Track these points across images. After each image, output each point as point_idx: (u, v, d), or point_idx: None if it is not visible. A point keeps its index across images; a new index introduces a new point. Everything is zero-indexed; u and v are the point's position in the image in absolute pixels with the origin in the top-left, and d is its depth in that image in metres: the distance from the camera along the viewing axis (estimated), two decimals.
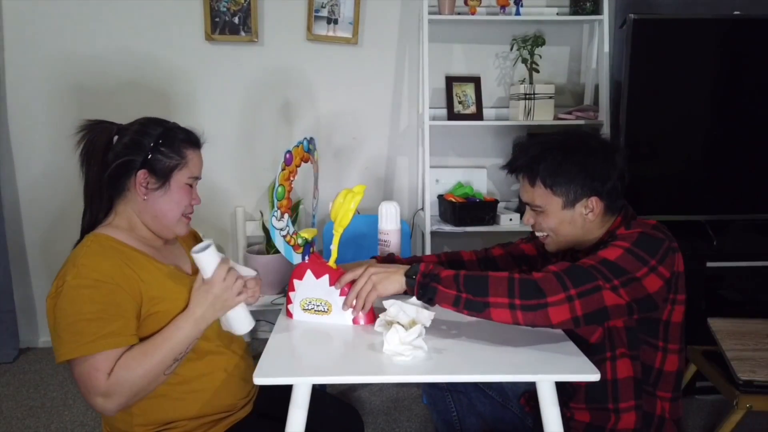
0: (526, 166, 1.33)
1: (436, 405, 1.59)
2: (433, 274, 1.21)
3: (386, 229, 1.57)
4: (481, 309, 1.16)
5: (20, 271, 2.83)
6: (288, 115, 2.80)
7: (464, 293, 1.16)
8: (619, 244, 1.20)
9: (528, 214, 1.37)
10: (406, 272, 1.24)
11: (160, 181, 1.26)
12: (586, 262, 1.18)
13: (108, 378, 1.12)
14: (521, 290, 1.14)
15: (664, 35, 2.38)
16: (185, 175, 1.29)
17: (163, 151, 1.26)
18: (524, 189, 1.35)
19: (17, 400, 2.40)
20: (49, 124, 2.69)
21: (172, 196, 1.27)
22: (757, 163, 2.45)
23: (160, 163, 1.26)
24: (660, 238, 1.21)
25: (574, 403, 1.33)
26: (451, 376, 1.13)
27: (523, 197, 1.36)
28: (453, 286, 1.17)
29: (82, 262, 1.18)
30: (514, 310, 1.13)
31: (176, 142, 1.29)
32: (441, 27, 2.70)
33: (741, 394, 1.72)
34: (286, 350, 1.23)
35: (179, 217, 1.30)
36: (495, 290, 1.15)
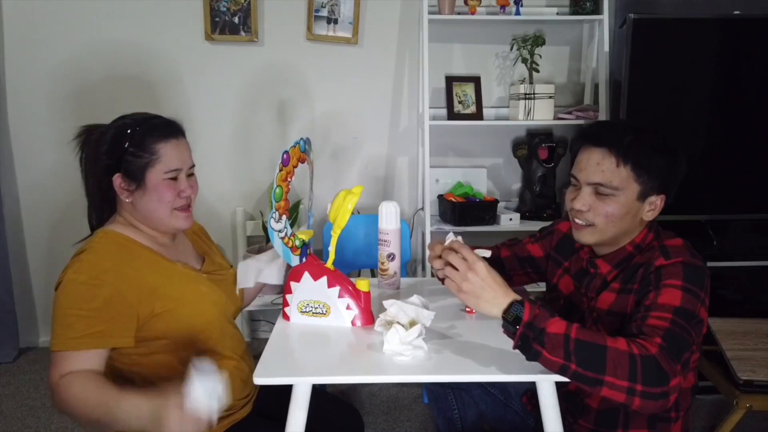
0: (620, 143, 1.19)
1: (437, 402, 1.59)
2: (537, 328, 1.04)
3: (386, 228, 1.57)
4: (591, 384, 1.02)
5: (20, 271, 2.83)
6: (288, 115, 2.80)
7: (573, 364, 1.01)
8: (673, 283, 1.13)
9: (587, 197, 1.23)
10: (505, 312, 1.08)
11: (135, 182, 1.25)
12: (665, 317, 1.08)
13: (61, 378, 1.12)
14: (644, 374, 1.00)
15: (664, 35, 2.37)
16: (160, 171, 1.25)
17: (132, 151, 1.23)
18: (602, 166, 1.20)
19: (17, 400, 2.40)
20: (49, 124, 2.69)
21: (151, 195, 1.25)
22: (757, 163, 2.45)
23: (131, 164, 1.23)
24: (700, 266, 1.18)
25: (583, 420, 1.31)
26: (452, 376, 1.13)
27: (594, 176, 1.21)
28: (560, 352, 1.02)
29: (86, 258, 1.20)
30: (632, 396, 1.00)
31: (145, 138, 1.24)
32: (441, 27, 2.70)
33: (741, 394, 1.72)
34: (286, 350, 1.23)
35: (169, 212, 1.28)
36: (614, 369, 1.00)
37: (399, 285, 1.61)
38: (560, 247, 1.48)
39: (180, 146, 1.29)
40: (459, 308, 1.44)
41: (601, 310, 1.27)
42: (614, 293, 1.26)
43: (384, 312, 1.24)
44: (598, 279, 1.31)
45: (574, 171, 1.27)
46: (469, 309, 1.40)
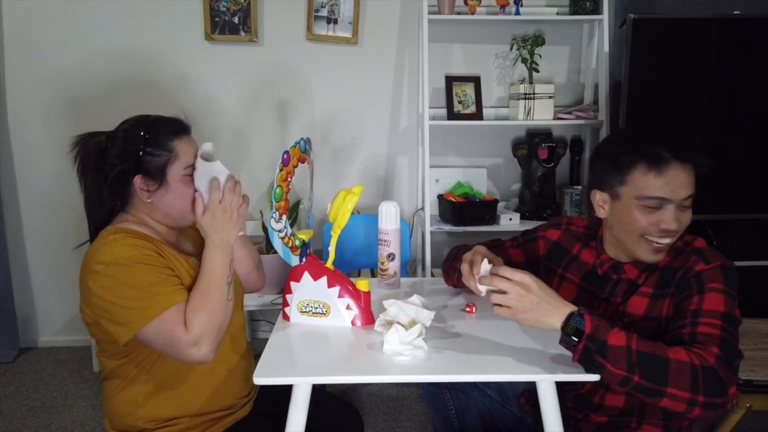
0: (701, 151, 1.17)
1: (434, 403, 1.59)
2: (600, 340, 1.03)
3: (386, 228, 1.57)
4: (651, 395, 1.02)
5: (20, 271, 2.83)
6: (288, 115, 2.80)
7: (637, 377, 1.01)
8: (715, 287, 1.14)
9: (677, 215, 1.18)
10: (564, 324, 1.06)
11: (157, 182, 1.25)
12: (716, 324, 1.09)
13: (187, 329, 1.15)
14: (706, 385, 1.00)
15: (664, 35, 2.38)
16: (180, 167, 1.26)
17: (150, 151, 1.24)
18: (690, 178, 1.18)
19: (17, 400, 2.40)
20: (49, 124, 2.69)
21: (174, 192, 1.26)
22: (756, 163, 2.45)
23: (151, 164, 1.24)
24: (734, 267, 1.18)
25: (595, 415, 1.31)
26: (451, 376, 1.13)
27: (684, 191, 1.17)
28: (623, 364, 1.01)
29: (119, 245, 1.20)
30: (693, 406, 1.01)
31: (160, 137, 1.26)
32: (441, 27, 2.70)
33: (741, 394, 1.72)
34: (286, 350, 1.23)
35: (188, 209, 1.29)
36: (676, 381, 1.00)
37: (399, 285, 1.61)
38: (552, 255, 1.47)
39: (191, 142, 1.31)
40: (459, 308, 1.44)
41: (634, 316, 1.25)
42: (647, 298, 1.24)
43: (384, 312, 1.25)
44: (623, 284, 1.30)
45: (658, 192, 1.17)
46: (469, 309, 1.41)
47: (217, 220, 1.25)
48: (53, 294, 2.86)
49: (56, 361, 2.76)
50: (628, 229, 1.22)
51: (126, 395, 1.26)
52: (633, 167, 1.19)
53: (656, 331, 1.21)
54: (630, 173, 1.20)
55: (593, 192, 1.30)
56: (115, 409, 1.29)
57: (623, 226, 1.24)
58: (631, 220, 1.21)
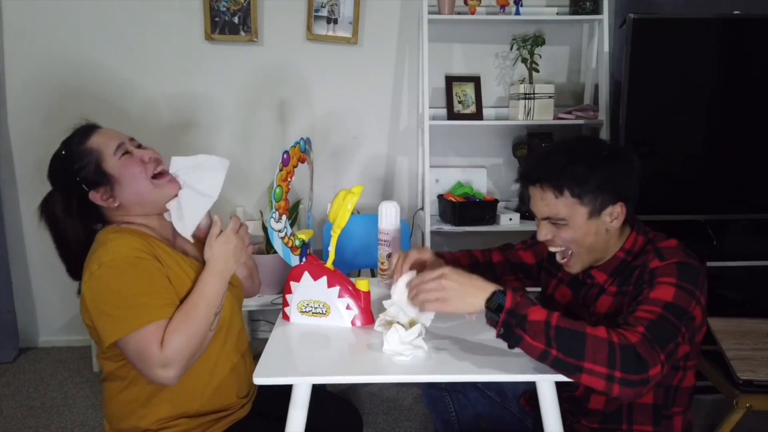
0: (550, 176, 1.22)
1: (434, 405, 1.59)
2: (519, 315, 1.06)
3: (386, 228, 1.57)
4: (571, 371, 1.04)
5: (20, 271, 2.83)
6: (288, 115, 2.80)
7: (554, 350, 1.03)
8: (666, 281, 1.14)
9: (545, 229, 1.27)
10: (487, 301, 1.10)
11: (105, 184, 1.25)
12: (654, 311, 1.10)
13: (162, 347, 1.14)
14: (623, 360, 1.01)
15: (664, 35, 2.37)
16: (110, 156, 1.24)
17: (78, 167, 1.24)
18: (545, 201, 1.23)
19: (17, 400, 2.40)
20: (49, 124, 2.69)
21: (125, 179, 1.24)
22: (757, 163, 2.45)
23: (88, 173, 1.24)
24: (696, 265, 1.19)
25: (586, 420, 1.32)
26: (451, 376, 1.13)
27: (543, 210, 1.25)
28: (541, 337, 1.04)
29: (116, 243, 1.19)
30: (611, 383, 1.01)
31: (74, 149, 1.25)
32: (441, 27, 2.70)
33: (741, 394, 1.72)
34: (286, 350, 1.23)
35: (152, 185, 1.26)
36: (593, 355, 1.02)
37: None
38: (551, 258, 1.47)
39: (105, 131, 1.29)
40: None
41: (599, 314, 1.28)
42: (611, 296, 1.27)
43: (384, 312, 1.25)
44: (594, 288, 1.31)
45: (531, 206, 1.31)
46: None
47: (231, 246, 1.27)
48: (53, 294, 2.86)
49: (56, 361, 2.76)
50: None
51: (126, 396, 1.26)
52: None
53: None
54: None
55: None
56: (115, 410, 1.29)
57: None
58: None
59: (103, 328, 1.16)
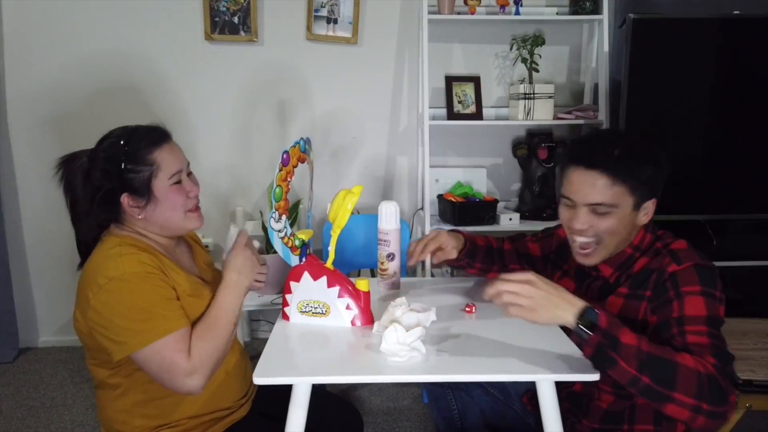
0: (608, 163, 1.19)
1: (437, 402, 1.59)
2: (613, 336, 1.02)
3: (386, 228, 1.57)
4: (659, 400, 1.02)
5: (20, 271, 2.83)
6: (288, 115, 2.80)
7: (645, 377, 1.01)
8: (692, 291, 1.14)
9: (586, 217, 1.22)
10: (579, 316, 1.05)
11: (144, 197, 1.23)
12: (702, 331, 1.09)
13: (189, 356, 1.15)
14: (711, 393, 1.00)
15: (664, 35, 2.37)
16: (164, 178, 1.24)
17: (132, 168, 1.22)
18: (596, 187, 1.19)
19: (17, 400, 2.40)
20: (49, 123, 2.69)
21: (164, 204, 1.25)
22: (757, 163, 2.45)
23: (135, 181, 1.22)
24: (711, 266, 1.19)
25: (587, 420, 1.32)
26: (451, 375, 1.12)
27: (590, 196, 1.21)
28: (634, 363, 1.01)
29: (124, 259, 1.18)
30: (697, 414, 1.00)
31: (139, 152, 1.23)
32: (441, 27, 2.70)
33: (740, 394, 1.72)
34: (286, 350, 1.23)
35: (183, 216, 1.28)
36: (685, 386, 1.00)
37: (399, 285, 1.61)
38: (559, 251, 1.51)
39: (174, 148, 1.29)
40: (459, 308, 1.44)
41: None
42: (622, 298, 1.25)
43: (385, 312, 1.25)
44: (598, 281, 1.32)
45: (566, 191, 1.25)
46: (469, 309, 1.40)
47: (240, 260, 1.30)
48: (53, 294, 2.86)
49: (56, 361, 2.76)
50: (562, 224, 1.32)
51: (119, 405, 1.25)
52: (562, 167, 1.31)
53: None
54: (562, 172, 1.31)
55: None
56: (109, 418, 1.28)
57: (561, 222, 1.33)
58: (560, 214, 1.31)
59: (120, 341, 1.14)
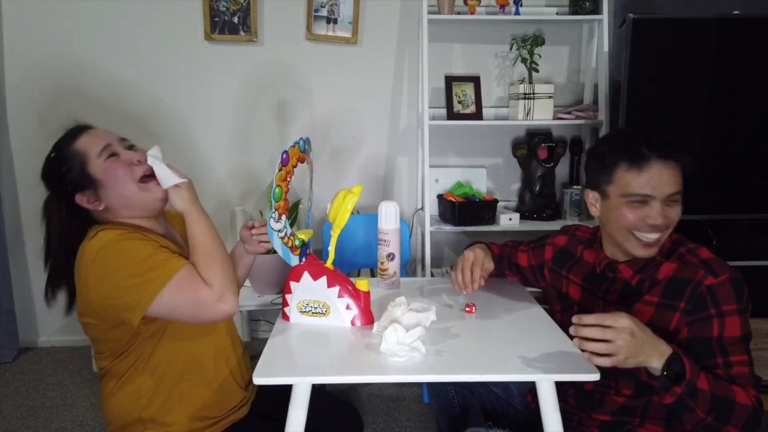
0: (677, 152, 1.22)
1: (438, 399, 1.59)
2: (693, 385, 1.07)
3: (386, 228, 1.57)
4: (709, 429, 1.11)
5: (20, 271, 2.83)
6: (287, 115, 2.80)
7: (711, 418, 1.09)
8: (731, 309, 1.17)
9: (663, 210, 1.21)
10: (665, 365, 1.07)
11: (91, 188, 1.24)
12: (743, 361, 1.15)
13: (207, 284, 1.16)
14: (753, 423, 1.11)
15: (664, 35, 2.37)
16: (94, 158, 1.23)
17: (65, 168, 1.23)
18: (675, 177, 1.21)
19: (17, 400, 2.40)
20: (49, 124, 2.69)
21: (109, 182, 1.23)
22: (757, 163, 2.45)
23: (73, 177, 1.23)
24: (741, 278, 1.21)
25: (597, 414, 1.32)
26: (451, 376, 1.12)
27: (671, 186, 1.20)
28: (705, 408, 1.07)
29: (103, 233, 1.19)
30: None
31: (62, 150, 1.25)
32: (440, 27, 2.70)
33: None
34: (286, 350, 1.23)
35: (137, 188, 1.25)
36: (737, 421, 1.09)
37: (399, 285, 1.61)
38: (558, 259, 1.51)
39: (93, 133, 1.28)
40: (459, 308, 1.44)
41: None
42: (652, 307, 1.25)
43: (385, 312, 1.25)
44: (618, 283, 1.32)
45: (641, 189, 1.21)
46: (469, 309, 1.40)
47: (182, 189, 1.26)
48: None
49: (56, 361, 2.76)
50: (618, 225, 1.26)
51: (122, 395, 1.26)
52: (617, 166, 1.24)
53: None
54: (615, 172, 1.24)
55: (586, 192, 1.35)
56: (112, 409, 1.29)
57: (613, 222, 1.28)
58: (619, 216, 1.25)
59: (134, 301, 1.14)
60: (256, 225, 1.46)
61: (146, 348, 1.24)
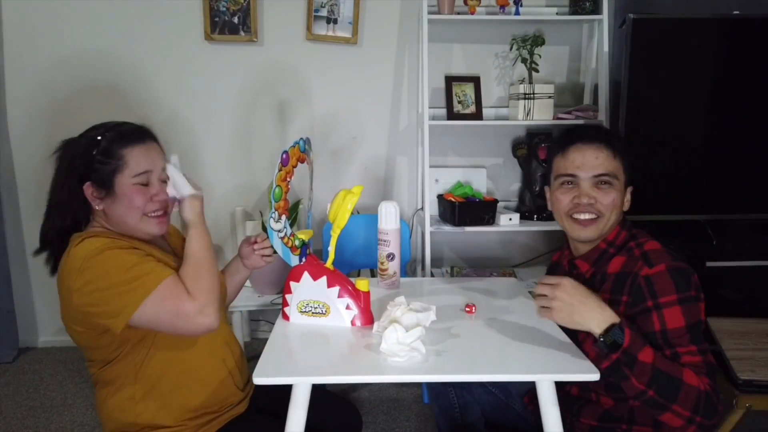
0: (609, 138, 1.32)
1: (438, 400, 1.59)
2: (632, 355, 1.10)
3: (386, 228, 1.57)
4: (657, 408, 1.11)
5: (20, 271, 2.83)
6: (288, 115, 2.80)
7: (652, 391, 1.10)
8: (669, 300, 1.17)
9: (589, 190, 1.30)
10: (604, 331, 1.12)
11: (104, 189, 1.24)
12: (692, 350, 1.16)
13: (191, 296, 1.16)
14: (706, 408, 1.10)
15: (664, 35, 2.37)
16: (128, 176, 1.24)
17: (100, 158, 1.23)
18: (600, 159, 1.29)
19: (17, 400, 2.40)
20: (49, 124, 2.69)
21: (122, 201, 1.24)
22: (756, 163, 2.45)
23: (99, 172, 1.23)
24: (683, 266, 1.21)
25: (585, 418, 1.32)
26: (451, 376, 1.12)
27: (596, 167, 1.29)
28: (645, 379, 1.10)
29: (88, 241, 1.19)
30: (690, 424, 1.10)
31: (111, 145, 1.24)
32: (441, 27, 2.70)
33: (740, 394, 1.72)
34: (286, 350, 1.23)
35: (139, 218, 1.26)
36: (684, 401, 1.09)
37: (399, 285, 1.61)
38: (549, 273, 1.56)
39: (149, 150, 1.28)
40: (459, 308, 1.44)
41: None
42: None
43: (385, 312, 1.25)
44: (579, 279, 1.32)
45: (567, 170, 1.32)
46: (469, 309, 1.41)
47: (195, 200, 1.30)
48: (53, 294, 2.84)
49: (56, 361, 2.76)
50: (558, 213, 1.36)
51: (116, 401, 1.26)
52: (553, 156, 1.38)
53: None
54: (553, 162, 1.38)
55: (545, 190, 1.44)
56: (108, 414, 1.29)
57: (555, 209, 1.37)
58: (556, 202, 1.36)
59: (117, 308, 1.14)
60: (258, 240, 1.47)
61: (137, 356, 1.24)
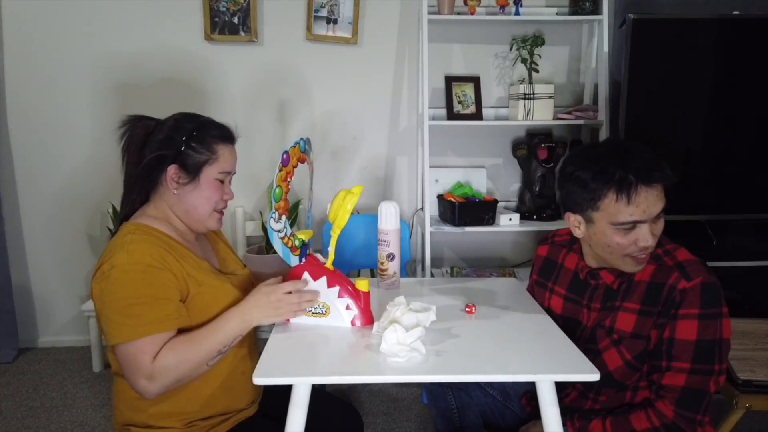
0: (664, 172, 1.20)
1: (436, 402, 1.59)
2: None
3: (386, 229, 1.57)
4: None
5: (20, 271, 2.83)
6: (288, 115, 2.80)
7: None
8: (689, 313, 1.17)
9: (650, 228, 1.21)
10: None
11: (189, 176, 1.28)
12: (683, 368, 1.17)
13: (153, 361, 1.15)
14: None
15: (664, 35, 2.37)
16: (215, 170, 1.31)
17: (194, 146, 1.28)
18: (660, 196, 1.20)
19: (17, 400, 2.40)
20: (48, 124, 2.69)
21: (202, 191, 1.29)
22: (757, 163, 2.45)
23: (190, 158, 1.28)
24: (715, 282, 1.19)
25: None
26: (451, 376, 1.12)
27: (658, 206, 1.20)
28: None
29: (133, 248, 1.20)
30: None
31: (208, 137, 1.30)
32: (440, 27, 2.70)
33: (740, 394, 1.72)
34: (286, 350, 1.23)
35: (210, 212, 1.32)
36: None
37: (399, 285, 1.61)
38: (544, 271, 1.51)
39: (233, 151, 1.38)
40: (459, 308, 1.44)
41: (623, 332, 1.27)
42: (634, 314, 1.26)
43: (385, 312, 1.25)
44: (600, 289, 1.33)
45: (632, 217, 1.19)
46: (469, 309, 1.41)
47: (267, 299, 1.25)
48: (53, 294, 2.86)
49: (56, 361, 2.76)
50: (609, 250, 1.25)
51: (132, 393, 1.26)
52: (603, 195, 1.20)
53: (644, 350, 1.24)
54: (601, 200, 1.21)
55: (567, 214, 1.32)
56: (122, 404, 1.30)
57: (603, 247, 1.26)
58: (610, 242, 1.23)
59: (105, 330, 1.19)
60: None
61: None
